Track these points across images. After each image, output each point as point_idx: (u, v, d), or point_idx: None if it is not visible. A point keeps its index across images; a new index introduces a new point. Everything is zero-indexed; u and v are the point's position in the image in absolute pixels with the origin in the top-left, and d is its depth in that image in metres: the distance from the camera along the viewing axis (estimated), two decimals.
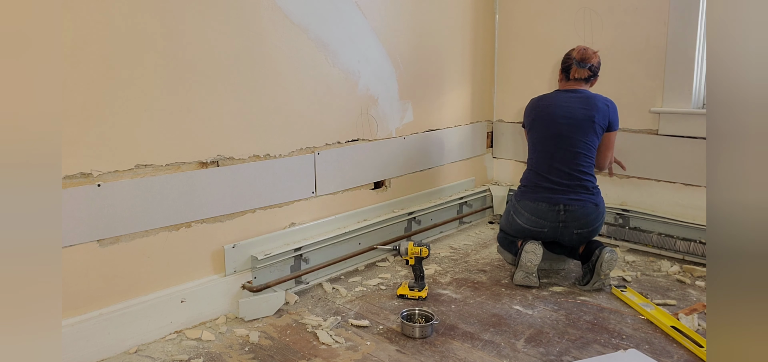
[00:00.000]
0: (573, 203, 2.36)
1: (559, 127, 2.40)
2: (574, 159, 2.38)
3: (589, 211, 2.36)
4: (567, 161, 2.39)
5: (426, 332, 2.01)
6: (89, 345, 1.84)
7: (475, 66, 3.35)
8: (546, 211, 2.39)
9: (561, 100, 2.45)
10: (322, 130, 2.49)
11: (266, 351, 1.93)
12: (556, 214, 2.37)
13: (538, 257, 2.37)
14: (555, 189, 2.39)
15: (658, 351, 1.89)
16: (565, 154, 2.39)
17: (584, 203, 2.36)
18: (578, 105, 2.40)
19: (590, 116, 2.38)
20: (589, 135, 2.39)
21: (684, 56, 2.69)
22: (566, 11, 3.08)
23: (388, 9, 2.74)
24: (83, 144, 1.77)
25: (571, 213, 2.36)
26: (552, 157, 2.41)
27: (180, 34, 1.96)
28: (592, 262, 2.35)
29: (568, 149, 2.38)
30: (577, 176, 2.38)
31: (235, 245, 2.20)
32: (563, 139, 2.39)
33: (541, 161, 2.45)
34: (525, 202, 2.45)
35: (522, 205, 2.46)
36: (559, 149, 2.40)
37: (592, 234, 2.42)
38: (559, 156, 2.40)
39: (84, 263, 1.83)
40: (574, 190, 2.37)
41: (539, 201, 2.40)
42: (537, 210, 2.40)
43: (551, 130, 2.42)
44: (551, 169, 2.41)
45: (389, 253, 2.76)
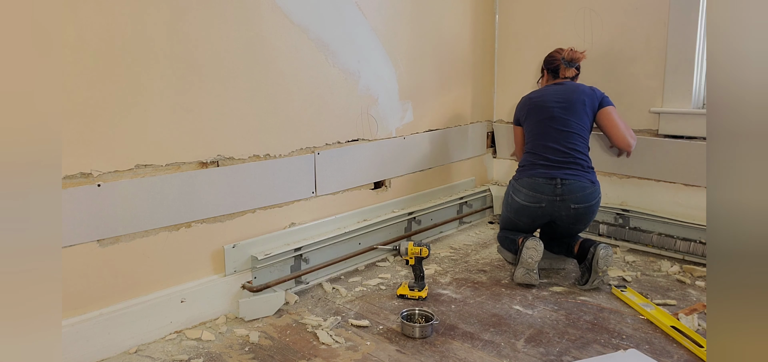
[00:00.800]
0: (569, 177, 2.42)
1: (551, 111, 2.51)
2: (569, 138, 2.46)
3: (585, 185, 2.42)
4: (561, 140, 2.47)
5: (426, 332, 2.01)
6: (89, 345, 1.84)
7: (475, 66, 3.35)
8: (543, 185, 2.44)
9: (551, 90, 2.58)
10: (322, 130, 2.49)
11: (266, 351, 1.93)
12: (553, 187, 2.42)
13: (538, 253, 2.37)
14: (551, 165, 2.46)
15: (658, 351, 1.89)
16: (560, 134, 2.47)
17: (580, 178, 2.43)
18: (569, 91, 2.53)
19: (581, 100, 2.50)
20: (582, 116, 2.49)
21: (684, 56, 2.69)
22: (566, 11, 3.08)
23: (388, 9, 2.74)
24: (83, 144, 1.77)
25: (568, 186, 2.41)
26: (547, 137, 2.50)
27: (180, 34, 1.96)
28: (588, 260, 2.36)
29: (561, 129, 2.47)
30: (572, 153, 2.45)
31: (235, 245, 2.20)
32: (557, 121, 2.49)
33: (537, 142, 2.53)
34: (523, 180, 2.52)
35: (520, 183, 2.53)
36: (553, 129, 2.49)
37: (589, 213, 2.45)
38: (554, 135, 2.48)
39: (84, 263, 1.83)
40: (569, 166, 2.44)
41: (536, 177, 2.46)
42: (534, 184, 2.46)
43: (545, 114, 2.52)
44: (547, 148, 2.49)
45: (389, 253, 2.76)
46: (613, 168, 2.99)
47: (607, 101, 2.53)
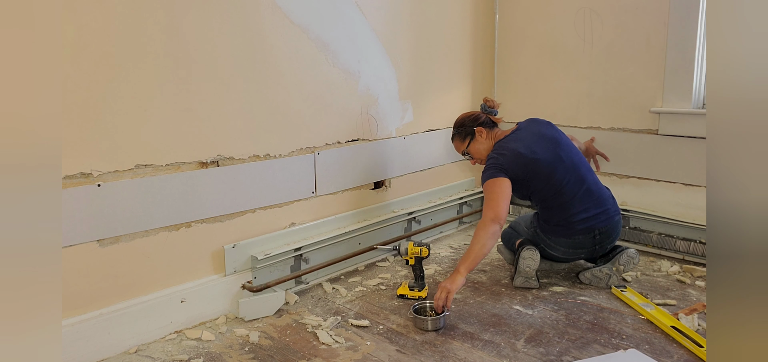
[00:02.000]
0: (603, 222, 2.32)
1: (558, 159, 2.30)
2: (586, 177, 2.34)
3: (617, 222, 2.38)
4: (583, 184, 2.31)
5: (438, 324, 2.03)
6: (89, 345, 1.84)
7: (475, 66, 3.35)
8: (583, 242, 2.35)
9: (526, 137, 2.35)
10: (322, 130, 2.49)
11: (266, 351, 1.93)
12: (592, 240, 2.34)
13: (535, 262, 2.37)
14: (587, 219, 2.30)
15: (658, 351, 1.89)
16: (581, 176, 2.32)
17: (612, 216, 2.35)
18: (539, 131, 2.38)
19: (556, 131, 2.42)
20: (573, 145, 2.42)
21: (684, 56, 2.68)
22: (566, 11, 3.08)
23: (388, 9, 2.74)
24: (83, 144, 1.77)
25: (606, 234, 2.35)
26: (568, 191, 2.29)
27: (181, 34, 1.96)
28: (611, 256, 2.39)
29: (578, 171, 2.33)
30: (595, 190, 2.34)
31: (235, 245, 2.20)
32: (572, 164, 2.32)
33: (565, 195, 2.30)
34: (560, 239, 2.37)
35: (555, 242, 2.39)
36: (574, 175, 2.30)
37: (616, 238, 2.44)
38: (572, 184, 2.29)
39: (84, 263, 1.83)
40: (600, 208, 2.33)
41: (576, 235, 2.33)
42: (574, 243, 2.36)
43: (551, 168, 2.28)
44: (579, 199, 2.30)
45: (389, 253, 2.76)
46: (613, 168, 2.99)
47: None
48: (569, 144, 2.40)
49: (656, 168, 2.84)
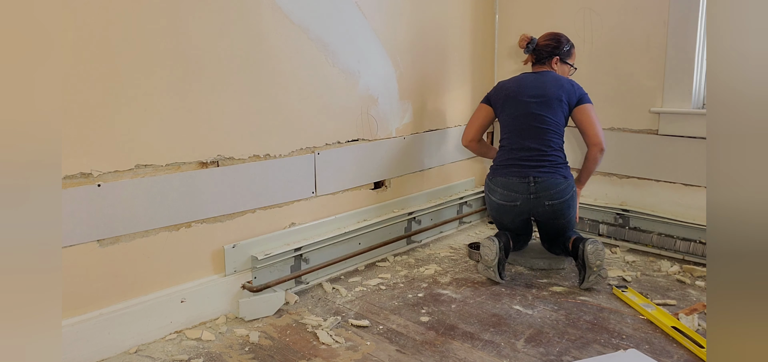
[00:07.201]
0: (542, 174, 2.44)
1: (528, 106, 2.51)
2: (544, 135, 2.48)
3: (558, 181, 2.44)
4: (537, 138, 2.48)
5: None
6: (89, 345, 1.84)
7: (475, 66, 3.35)
8: (517, 184, 2.47)
9: (529, 82, 2.57)
10: (322, 130, 2.49)
11: (266, 351, 1.93)
12: (527, 185, 2.45)
13: (492, 252, 2.42)
14: (524, 164, 2.48)
15: (658, 351, 1.89)
16: (535, 131, 2.49)
17: (553, 174, 2.45)
18: (546, 85, 2.52)
19: (558, 95, 2.50)
20: (557, 112, 2.50)
21: (684, 56, 2.69)
22: (566, 11, 3.08)
23: (388, 9, 2.74)
24: (83, 144, 1.77)
25: (541, 184, 2.44)
26: (522, 134, 2.51)
27: (181, 34, 1.96)
28: (580, 258, 2.37)
29: (537, 126, 2.48)
30: (547, 152, 2.47)
31: (235, 245, 2.20)
32: (533, 117, 2.50)
33: (512, 138, 2.54)
34: (497, 179, 2.54)
35: (494, 182, 2.56)
36: (528, 126, 2.50)
37: (565, 208, 2.46)
38: (529, 132, 2.49)
39: (84, 263, 1.83)
40: (542, 164, 2.46)
41: (510, 176, 2.49)
42: (508, 184, 2.49)
43: (520, 109, 2.52)
44: (521, 146, 2.50)
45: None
46: (613, 168, 2.99)
47: (587, 99, 2.54)
48: (555, 106, 2.49)
49: (656, 168, 2.84)
